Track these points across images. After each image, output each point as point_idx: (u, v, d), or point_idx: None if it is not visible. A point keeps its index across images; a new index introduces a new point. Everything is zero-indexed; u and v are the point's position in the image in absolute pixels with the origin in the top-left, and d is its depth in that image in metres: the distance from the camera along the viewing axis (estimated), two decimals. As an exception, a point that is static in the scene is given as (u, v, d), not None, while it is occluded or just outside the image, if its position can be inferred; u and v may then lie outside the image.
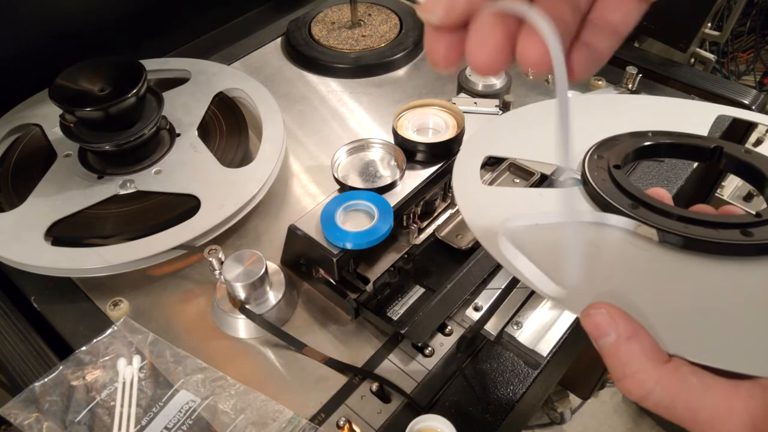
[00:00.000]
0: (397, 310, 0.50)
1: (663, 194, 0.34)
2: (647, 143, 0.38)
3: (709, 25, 0.85)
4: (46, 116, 0.65)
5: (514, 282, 0.52)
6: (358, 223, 0.49)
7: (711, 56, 0.87)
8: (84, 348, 0.49)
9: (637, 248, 0.31)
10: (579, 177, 0.36)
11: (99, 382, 0.46)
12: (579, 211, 0.34)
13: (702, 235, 0.29)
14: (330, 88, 0.76)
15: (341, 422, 0.45)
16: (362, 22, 0.82)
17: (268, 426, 0.44)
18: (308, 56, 0.78)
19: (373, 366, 0.48)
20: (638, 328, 0.25)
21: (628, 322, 0.25)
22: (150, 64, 0.70)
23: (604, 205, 0.33)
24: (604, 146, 0.37)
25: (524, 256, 0.31)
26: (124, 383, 0.46)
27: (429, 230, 0.57)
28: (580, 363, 1.17)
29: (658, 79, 0.75)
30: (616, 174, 0.34)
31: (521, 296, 0.51)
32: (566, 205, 0.34)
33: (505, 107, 0.59)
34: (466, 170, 0.40)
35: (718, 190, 1.11)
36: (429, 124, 0.56)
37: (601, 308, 0.26)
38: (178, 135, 0.63)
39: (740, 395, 0.23)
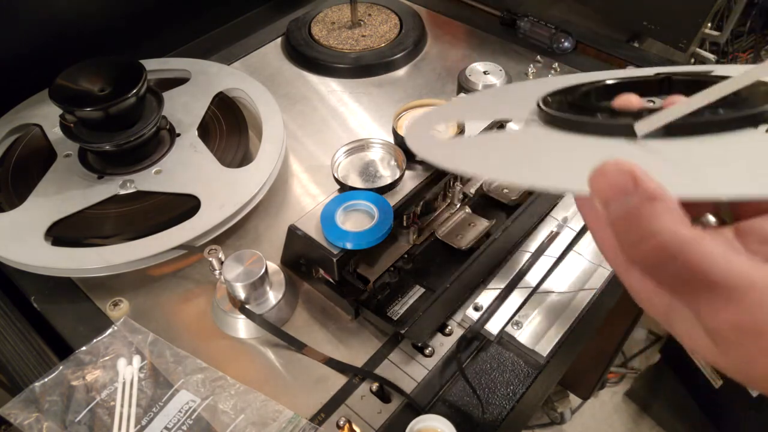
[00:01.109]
0: (397, 310, 0.50)
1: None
2: (588, 87, 0.34)
3: (709, 25, 0.85)
4: (46, 116, 0.64)
5: (514, 282, 0.52)
6: (358, 223, 0.49)
7: (711, 56, 0.87)
8: (84, 348, 0.49)
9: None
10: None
11: (99, 382, 0.46)
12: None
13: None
14: (330, 88, 0.76)
15: (341, 422, 0.45)
16: (362, 22, 0.82)
17: (268, 426, 0.44)
18: (308, 56, 0.78)
19: (373, 366, 0.48)
20: (660, 187, 0.22)
21: (649, 180, 0.22)
22: (150, 64, 0.70)
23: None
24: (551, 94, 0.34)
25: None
26: (124, 383, 0.46)
27: (429, 230, 0.57)
28: (580, 363, 1.17)
29: (658, 79, 0.75)
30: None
31: (521, 296, 0.51)
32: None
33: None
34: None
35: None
36: (429, 124, 0.56)
37: (618, 163, 0.22)
38: (178, 135, 0.63)
39: (760, 269, 0.21)
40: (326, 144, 0.68)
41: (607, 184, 0.22)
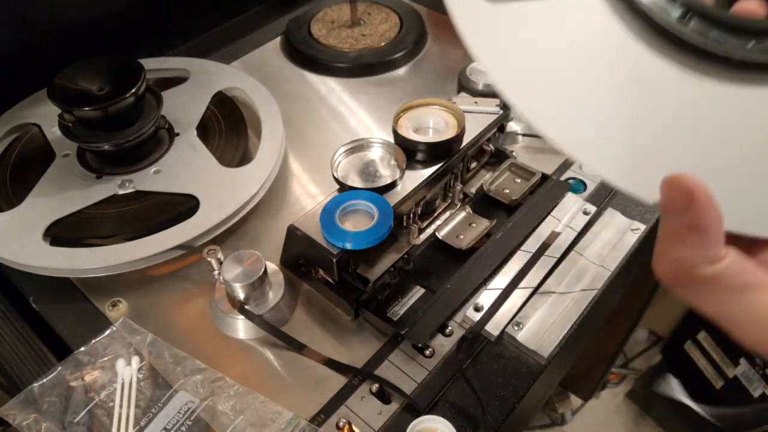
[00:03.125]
0: (397, 311, 0.50)
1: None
2: None
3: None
4: (44, 116, 0.64)
5: (515, 282, 0.52)
6: (358, 223, 0.49)
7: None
8: (83, 348, 0.48)
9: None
10: None
11: (98, 383, 0.46)
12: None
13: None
14: (330, 87, 0.76)
15: (341, 423, 0.45)
16: (362, 21, 0.82)
17: (268, 427, 0.44)
18: (308, 55, 0.78)
19: (373, 367, 0.48)
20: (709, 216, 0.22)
21: (704, 206, 0.22)
22: (149, 63, 0.70)
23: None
24: None
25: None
26: (122, 384, 0.46)
27: (429, 230, 0.57)
28: (581, 364, 1.17)
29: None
30: None
31: (522, 296, 0.51)
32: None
33: (505, 107, 0.58)
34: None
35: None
36: (429, 123, 0.56)
37: (681, 178, 0.22)
38: (177, 134, 0.63)
39: None
40: (326, 144, 0.68)
41: (667, 197, 0.23)
